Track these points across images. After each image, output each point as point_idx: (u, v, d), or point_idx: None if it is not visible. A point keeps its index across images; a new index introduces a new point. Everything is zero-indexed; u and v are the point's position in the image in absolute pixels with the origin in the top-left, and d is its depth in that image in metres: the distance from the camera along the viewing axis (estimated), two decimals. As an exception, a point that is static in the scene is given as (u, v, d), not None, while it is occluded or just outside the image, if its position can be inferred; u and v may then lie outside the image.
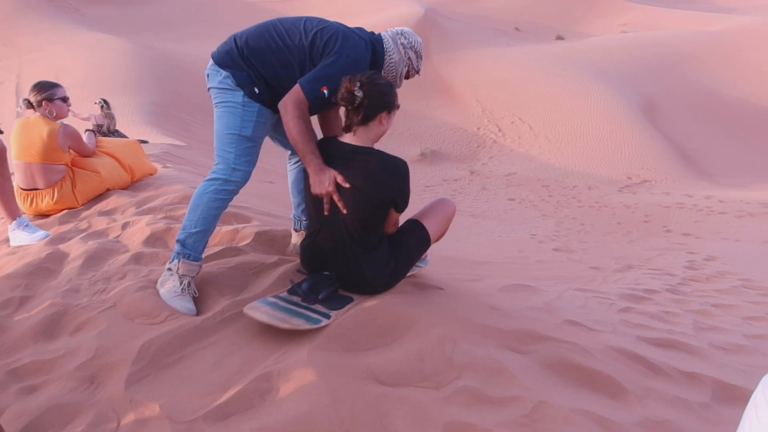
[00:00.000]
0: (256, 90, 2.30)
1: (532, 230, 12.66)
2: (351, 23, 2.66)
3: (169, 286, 2.23)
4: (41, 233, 3.33)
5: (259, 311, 2.03)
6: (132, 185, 4.22)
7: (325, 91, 2.19)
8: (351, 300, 2.20)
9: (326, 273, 2.26)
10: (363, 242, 2.22)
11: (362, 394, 1.69)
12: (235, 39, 2.37)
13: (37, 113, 3.78)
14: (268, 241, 2.83)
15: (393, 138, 23.91)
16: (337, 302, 2.16)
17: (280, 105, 2.24)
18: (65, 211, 3.78)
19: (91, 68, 22.10)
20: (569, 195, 17.74)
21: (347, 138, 2.26)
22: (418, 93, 26.06)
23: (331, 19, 2.53)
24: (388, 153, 2.30)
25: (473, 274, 3.85)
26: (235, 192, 2.37)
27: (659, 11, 39.01)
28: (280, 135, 2.58)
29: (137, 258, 2.62)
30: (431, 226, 2.45)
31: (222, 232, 2.92)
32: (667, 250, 9.30)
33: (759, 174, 21.20)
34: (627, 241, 11.16)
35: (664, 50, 28.48)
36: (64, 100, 3.86)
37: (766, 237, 10.60)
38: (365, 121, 2.20)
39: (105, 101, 9.15)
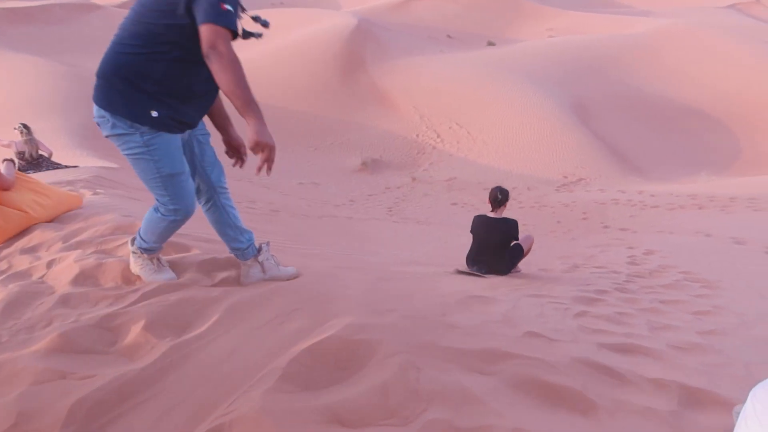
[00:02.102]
0: (154, 113, 2.14)
1: (477, 234, 12.79)
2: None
3: (144, 268, 2.52)
4: (-47, 277, 3.01)
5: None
6: (58, 217, 3.89)
7: (228, 7, 2.11)
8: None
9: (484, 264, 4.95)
10: (500, 253, 4.98)
11: (325, 440, 1.54)
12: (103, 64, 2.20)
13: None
14: (211, 271, 2.64)
15: (333, 148, 23.79)
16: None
17: (207, 54, 2.06)
18: (-19, 251, 3.45)
19: (15, 91, 20.95)
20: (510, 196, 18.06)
21: (491, 214, 5.09)
22: (356, 103, 26.06)
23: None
24: (510, 218, 5.07)
25: (427, 287, 3.75)
26: (188, 219, 2.43)
27: (583, 16, 40.63)
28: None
29: (65, 300, 2.37)
30: (525, 247, 5.19)
31: (159, 265, 2.70)
32: (607, 246, 9.53)
33: (683, 166, 22.29)
34: (569, 240, 11.40)
35: (589, 53, 29.65)
36: (-25, 128, 3.53)
37: (696, 228, 11.06)
38: (500, 206, 5.02)
39: (25, 126, 8.58)
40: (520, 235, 5.15)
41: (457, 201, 17.77)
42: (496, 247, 4.96)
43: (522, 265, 5.41)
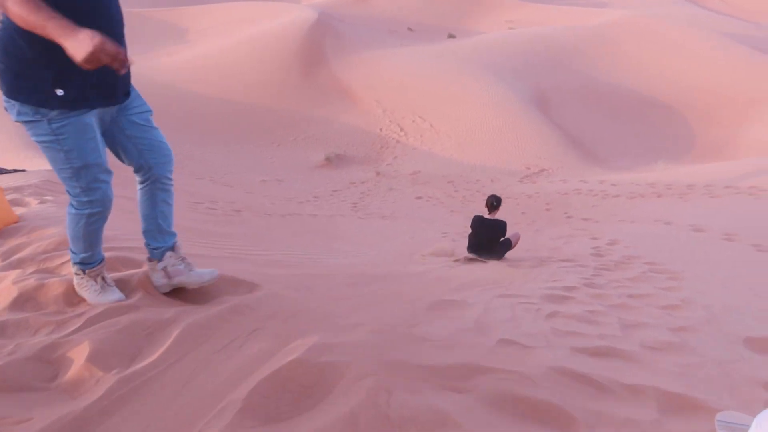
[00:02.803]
0: (59, 92, 1.93)
1: (442, 228, 12.74)
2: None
3: (88, 289, 2.32)
4: None
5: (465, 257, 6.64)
6: (-2, 230, 3.62)
7: None
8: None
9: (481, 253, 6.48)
10: (493, 243, 6.48)
11: (290, 483, 1.40)
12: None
13: None
14: (164, 288, 2.45)
15: (296, 144, 23.47)
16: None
17: None
18: None
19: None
20: (474, 189, 18.13)
21: (487, 216, 6.64)
22: (319, 98, 25.77)
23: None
24: (501, 220, 6.63)
25: (395, 292, 3.64)
26: (108, 210, 2.24)
27: (541, 7, 41.06)
28: (116, 148, 2.28)
29: (1, 329, 2.15)
30: (513, 241, 6.64)
31: (107, 283, 2.49)
32: (571, 237, 9.60)
33: (641, 155, 22.77)
34: (533, 231, 11.47)
35: (549, 45, 29.99)
36: None
37: (657, 216, 11.25)
38: (494, 210, 6.67)
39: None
40: (510, 232, 6.78)
41: (421, 195, 17.74)
42: (487, 241, 6.59)
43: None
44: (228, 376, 1.82)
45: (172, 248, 2.44)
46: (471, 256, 6.60)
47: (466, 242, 6.99)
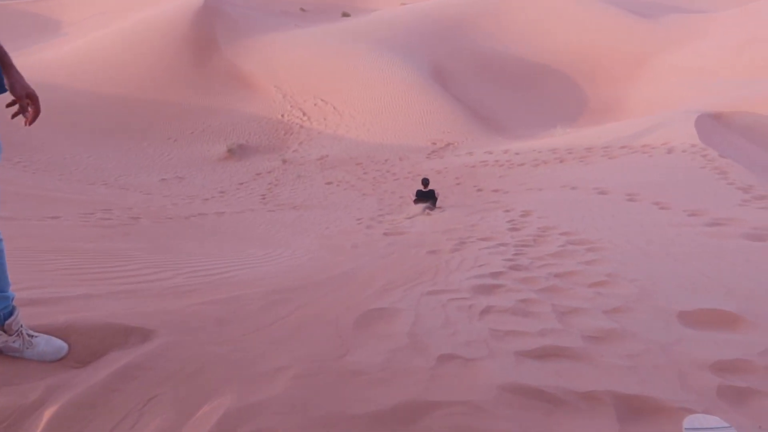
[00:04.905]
0: None
1: (356, 213, 12.48)
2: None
3: None
4: None
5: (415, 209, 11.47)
6: None
7: None
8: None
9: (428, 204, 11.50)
10: (430, 200, 11.58)
11: None
12: None
13: None
14: (26, 358, 1.97)
15: (194, 138, 22.27)
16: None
17: None
18: None
19: None
20: (383, 169, 18.00)
21: (424, 189, 11.95)
22: (214, 87, 24.57)
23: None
24: (433, 189, 12.05)
25: (315, 312, 3.29)
26: None
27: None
28: None
29: None
30: (437, 197, 11.96)
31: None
32: (485, 212, 9.62)
33: (539, 121, 23.57)
34: (448, 207, 11.48)
35: (441, 19, 30.25)
36: None
37: (562, 182, 11.57)
38: (428, 184, 12.13)
39: None
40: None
41: (332, 180, 17.38)
42: (428, 200, 11.37)
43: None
44: (117, 476, 1.42)
45: (2, 325, 1.92)
46: (419, 205, 11.30)
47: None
